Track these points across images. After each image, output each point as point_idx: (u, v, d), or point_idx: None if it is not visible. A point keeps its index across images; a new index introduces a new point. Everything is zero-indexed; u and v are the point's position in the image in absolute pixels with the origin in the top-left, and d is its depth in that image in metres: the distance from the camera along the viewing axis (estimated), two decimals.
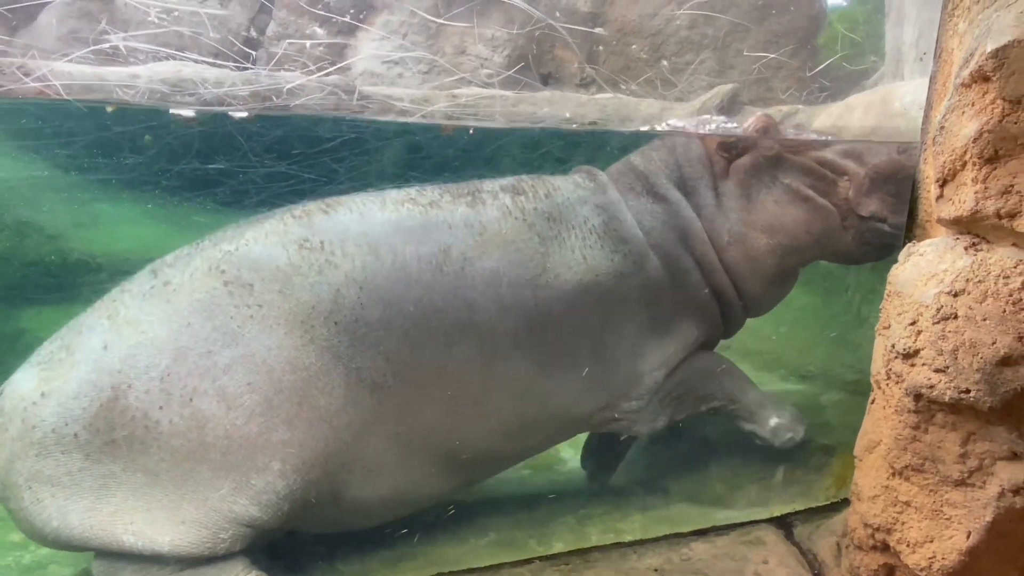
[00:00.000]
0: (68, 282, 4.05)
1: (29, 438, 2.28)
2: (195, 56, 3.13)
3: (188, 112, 3.12)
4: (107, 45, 2.84)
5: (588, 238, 2.82)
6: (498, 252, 2.65)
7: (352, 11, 3.62)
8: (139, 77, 3.10)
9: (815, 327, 3.93)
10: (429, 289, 2.55)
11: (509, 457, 3.03)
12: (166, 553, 2.28)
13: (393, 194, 2.72)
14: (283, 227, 2.54)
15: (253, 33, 3.72)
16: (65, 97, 2.78)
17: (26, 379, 2.40)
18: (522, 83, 3.73)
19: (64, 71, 2.94)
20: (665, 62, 4.27)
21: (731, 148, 3.07)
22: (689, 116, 3.72)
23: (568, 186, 2.94)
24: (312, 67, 3.32)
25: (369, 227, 2.58)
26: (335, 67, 3.34)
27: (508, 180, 2.90)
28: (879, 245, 3.03)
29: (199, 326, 2.35)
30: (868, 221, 3.00)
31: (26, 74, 2.86)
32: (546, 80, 4.05)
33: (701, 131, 3.43)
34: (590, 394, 2.92)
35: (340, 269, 2.49)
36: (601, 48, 4.16)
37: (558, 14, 3.88)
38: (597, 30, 4.09)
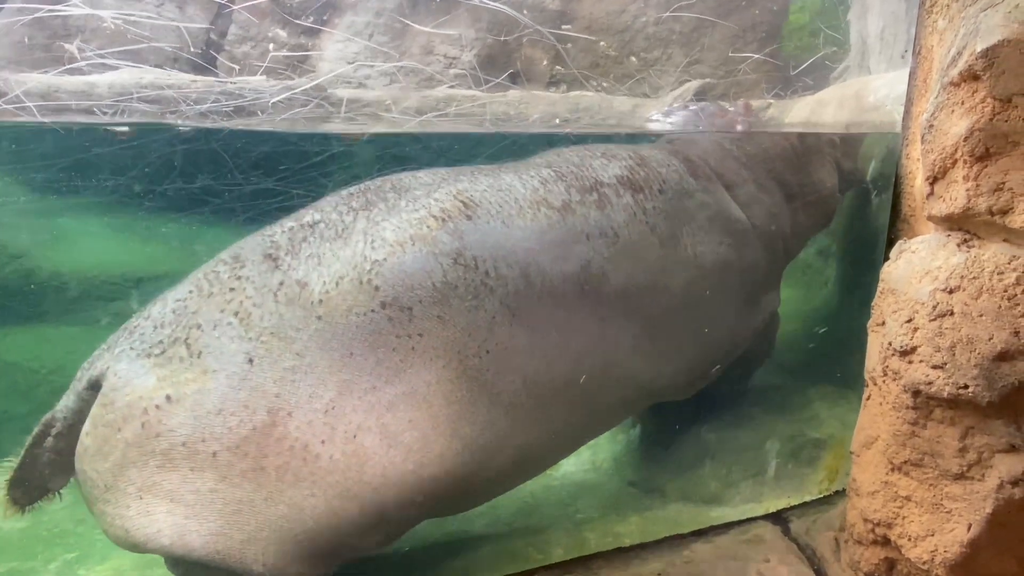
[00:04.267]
0: (37, 302, 3.90)
1: (151, 447, 2.06)
2: (151, 62, 3.02)
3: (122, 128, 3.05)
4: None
5: (697, 234, 2.96)
6: (628, 263, 2.70)
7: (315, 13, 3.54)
8: (97, 86, 3.01)
9: (797, 321, 3.97)
10: (571, 311, 2.54)
11: (597, 434, 3.11)
12: None
13: (519, 190, 2.61)
14: (429, 232, 2.37)
15: (213, 37, 3.63)
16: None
17: (139, 373, 2.15)
18: (492, 82, 3.70)
19: (16, 81, 2.83)
20: (634, 58, 4.29)
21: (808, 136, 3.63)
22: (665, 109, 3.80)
23: (674, 177, 3.00)
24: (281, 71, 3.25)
25: (517, 242, 2.48)
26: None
27: (617, 168, 2.87)
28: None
29: (362, 358, 2.20)
30: (848, 175, 3.74)
31: None
32: (515, 79, 4.03)
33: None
34: (690, 372, 3.08)
35: (495, 294, 2.39)
36: (570, 46, 4.15)
37: (525, 12, 3.86)
38: (565, 27, 4.08)
